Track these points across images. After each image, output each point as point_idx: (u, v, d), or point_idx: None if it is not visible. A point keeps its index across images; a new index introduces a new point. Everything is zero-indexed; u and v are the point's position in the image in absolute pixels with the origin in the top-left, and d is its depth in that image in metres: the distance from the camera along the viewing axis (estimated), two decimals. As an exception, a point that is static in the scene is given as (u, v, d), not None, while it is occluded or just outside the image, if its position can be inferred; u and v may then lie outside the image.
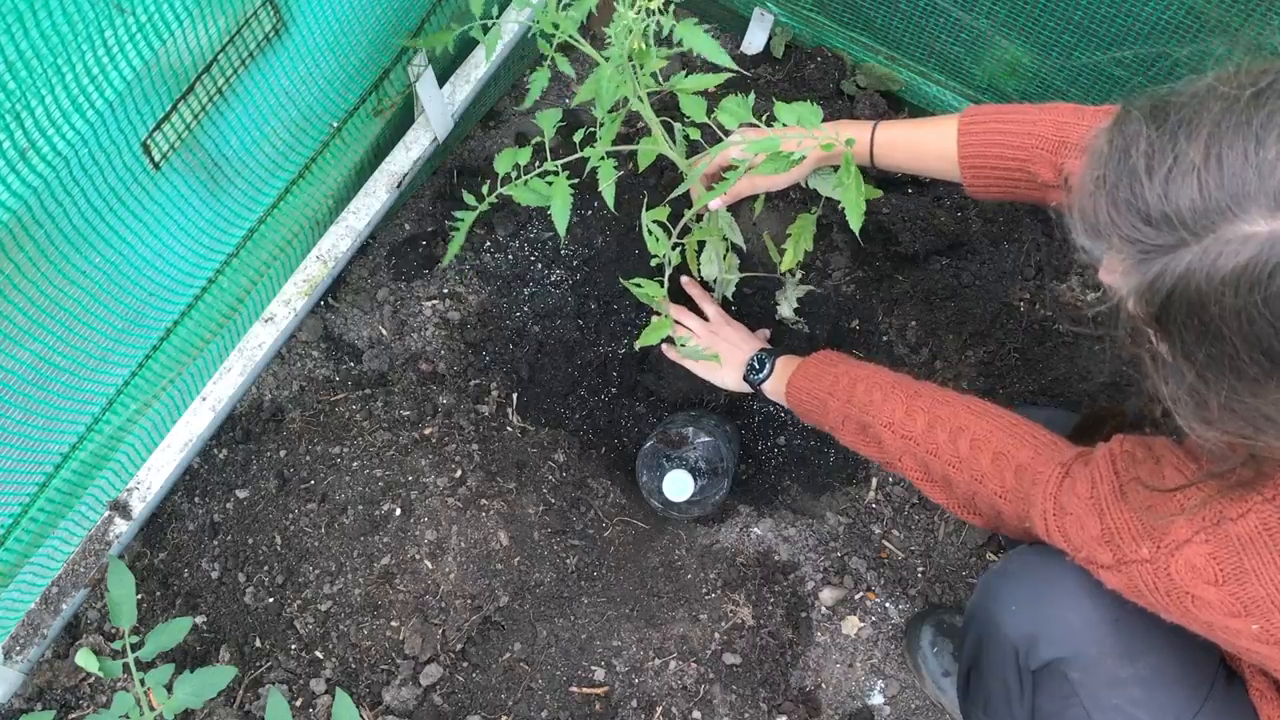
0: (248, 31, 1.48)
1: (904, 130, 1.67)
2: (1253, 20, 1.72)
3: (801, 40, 2.28)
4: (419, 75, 1.94)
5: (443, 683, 1.97)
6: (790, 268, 1.89)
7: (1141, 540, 1.13)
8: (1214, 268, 0.84)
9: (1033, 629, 1.39)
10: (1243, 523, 1.06)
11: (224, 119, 1.57)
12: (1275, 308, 0.83)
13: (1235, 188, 0.83)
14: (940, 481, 1.54)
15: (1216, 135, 0.85)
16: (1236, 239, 0.83)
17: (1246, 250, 0.83)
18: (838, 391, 1.69)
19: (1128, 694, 1.35)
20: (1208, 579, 1.08)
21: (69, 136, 1.24)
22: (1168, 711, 1.35)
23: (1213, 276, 0.85)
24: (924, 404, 1.56)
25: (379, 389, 2.14)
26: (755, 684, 1.98)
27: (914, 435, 1.54)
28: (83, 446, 1.75)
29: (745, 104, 1.53)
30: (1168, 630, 1.29)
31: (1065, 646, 1.36)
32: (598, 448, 2.22)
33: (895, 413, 1.58)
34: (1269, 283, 0.82)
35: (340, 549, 2.03)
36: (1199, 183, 0.84)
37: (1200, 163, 0.85)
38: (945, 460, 1.51)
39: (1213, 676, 1.38)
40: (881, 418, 1.59)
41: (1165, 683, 1.35)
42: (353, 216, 2.03)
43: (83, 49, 1.20)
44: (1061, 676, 1.38)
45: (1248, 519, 1.05)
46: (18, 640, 1.86)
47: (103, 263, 1.48)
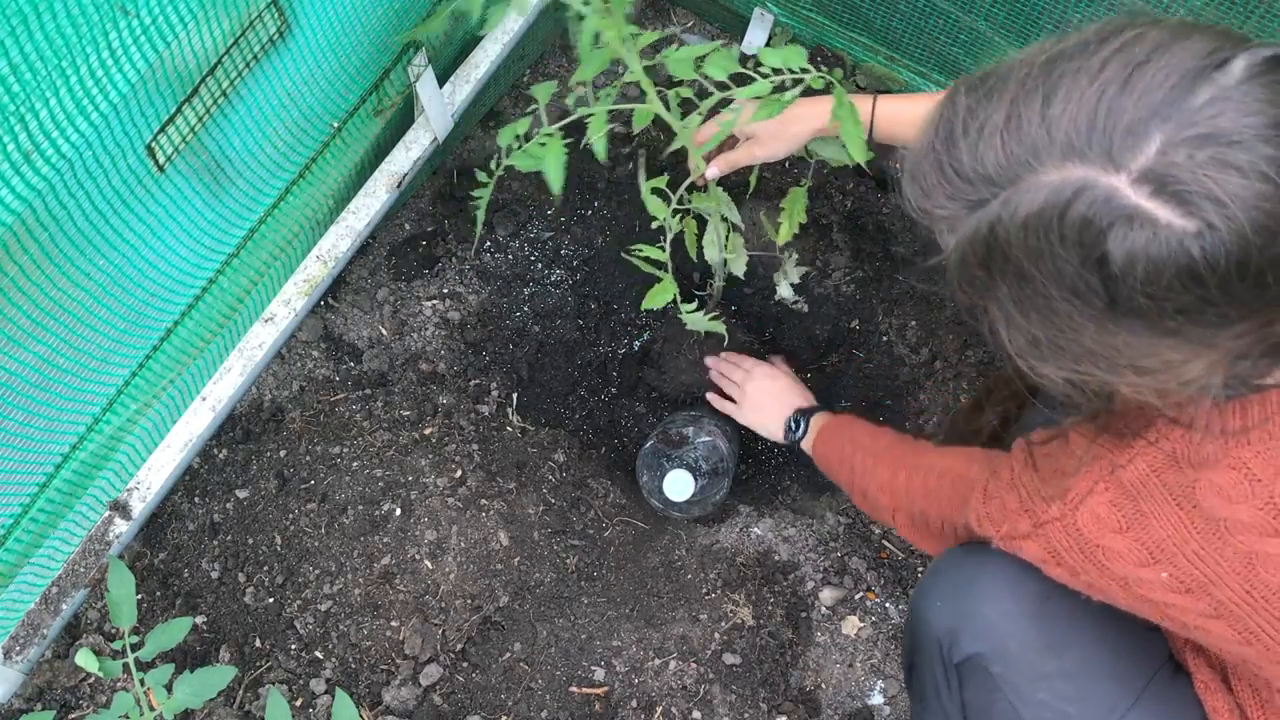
0: (252, 33, 1.48)
1: (905, 104, 1.69)
2: (1252, 21, 1.72)
3: (801, 40, 2.28)
4: (419, 75, 1.94)
5: (443, 683, 1.97)
6: (787, 239, 1.89)
7: (1051, 501, 1.19)
8: (1014, 215, 0.92)
9: (954, 623, 1.44)
10: (1131, 468, 1.11)
11: (228, 121, 1.57)
12: (1070, 247, 0.90)
13: (1030, 143, 0.91)
14: (922, 523, 1.63)
15: (1016, 98, 0.93)
16: (1033, 188, 0.91)
17: (1040, 197, 0.90)
18: (844, 460, 1.83)
19: (1053, 688, 1.38)
20: (1112, 527, 1.13)
21: (73, 139, 1.24)
22: (1099, 705, 1.38)
23: (1014, 222, 0.92)
24: (907, 461, 1.68)
25: (379, 389, 2.14)
26: (755, 684, 1.98)
27: (898, 490, 1.66)
28: (83, 447, 1.75)
29: (730, 55, 1.54)
30: (1098, 624, 1.36)
31: (985, 641, 1.41)
32: (598, 448, 2.23)
33: (883, 475, 1.70)
34: (1061, 224, 0.89)
35: (340, 549, 2.03)
36: (1001, 142, 0.92)
37: (1002, 124, 0.93)
38: (918, 498, 1.61)
39: (1153, 671, 1.40)
40: (875, 483, 1.72)
41: (1095, 676, 1.38)
42: (353, 216, 2.03)
43: (87, 52, 1.20)
44: (984, 670, 1.42)
45: (1136, 464, 1.11)
46: (18, 640, 1.85)
47: (106, 265, 1.48)
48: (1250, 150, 0.85)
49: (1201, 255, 0.86)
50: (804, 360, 2.18)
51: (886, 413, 2.15)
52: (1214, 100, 0.86)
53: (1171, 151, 0.86)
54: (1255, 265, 0.87)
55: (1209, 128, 0.86)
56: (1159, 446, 1.10)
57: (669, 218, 1.73)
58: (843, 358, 2.19)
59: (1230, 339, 0.93)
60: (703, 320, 1.91)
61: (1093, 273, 0.90)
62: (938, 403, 2.14)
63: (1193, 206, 0.86)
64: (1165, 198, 0.86)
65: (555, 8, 2.18)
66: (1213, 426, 1.06)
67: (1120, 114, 0.88)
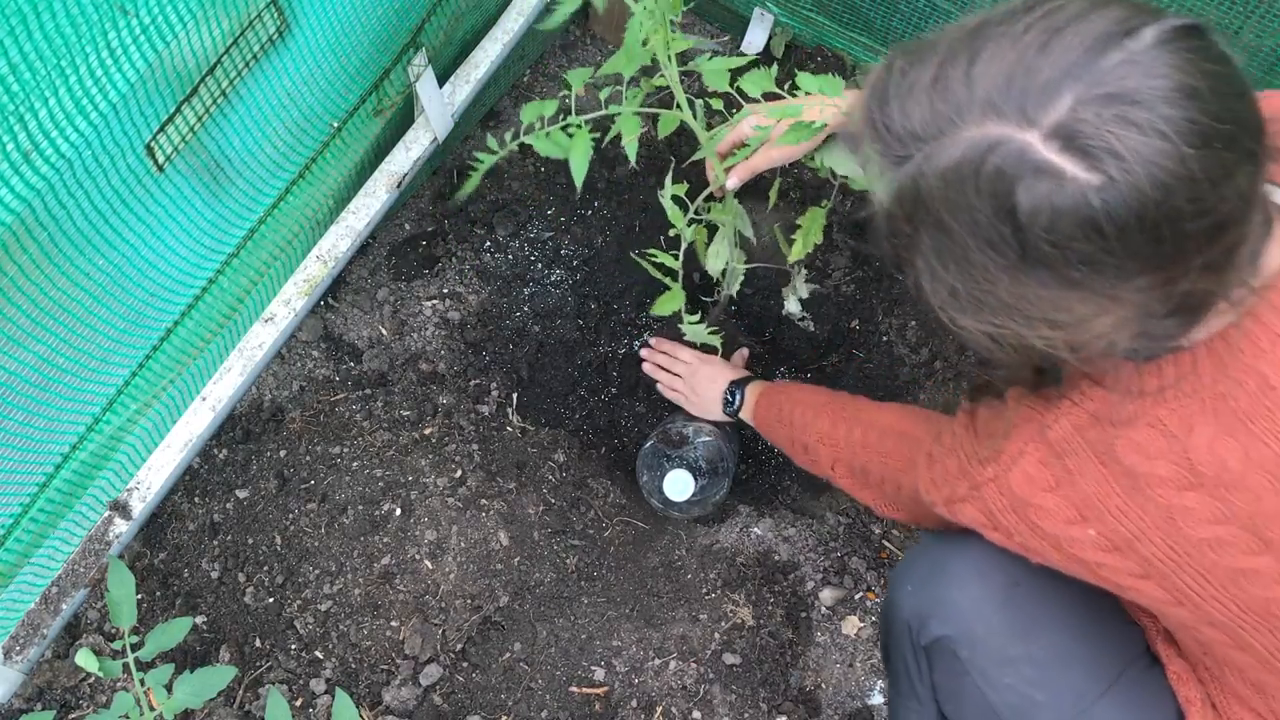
0: (251, 33, 1.48)
1: None
2: (1252, 21, 1.73)
3: (801, 40, 2.28)
4: (419, 75, 1.94)
5: (443, 683, 1.97)
6: (799, 258, 1.89)
7: (986, 463, 1.23)
8: (935, 167, 0.96)
9: (923, 608, 1.48)
10: (1057, 427, 1.15)
11: (227, 121, 1.57)
12: (984, 198, 0.94)
13: (954, 101, 0.95)
14: (861, 476, 1.68)
15: (944, 61, 0.97)
16: (953, 143, 0.95)
17: (959, 150, 0.95)
18: (783, 419, 1.87)
19: (1020, 672, 1.41)
20: (1042, 485, 1.17)
21: (73, 139, 1.24)
22: (1068, 691, 1.40)
23: (934, 174, 0.97)
24: (846, 414, 1.73)
25: (379, 389, 2.14)
26: (755, 684, 1.98)
27: (839, 441, 1.70)
28: (83, 447, 1.75)
29: (768, 75, 1.55)
30: (1070, 613, 1.40)
31: (952, 625, 1.44)
32: (598, 448, 2.23)
33: (823, 426, 1.74)
34: (976, 176, 0.94)
35: (340, 549, 2.03)
36: (928, 99, 0.97)
37: (929, 83, 0.97)
38: (859, 451, 1.66)
39: (1127, 663, 1.42)
40: (815, 434, 1.75)
41: (1064, 663, 1.41)
42: (353, 216, 2.03)
43: (86, 51, 1.20)
44: (951, 654, 1.45)
45: (1061, 423, 1.15)
46: (18, 640, 1.85)
47: (105, 264, 1.48)
48: (1152, 110, 0.90)
49: (1102, 206, 0.91)
50: (804, 360, 2.18)
51: (886, 413, 2.15)
52: (1123, 63, 0.91)
53: (1081, 109, 0.91)
54: (1151, 219, 0.91)
55: (1116, 88, 0.90)
56: (1082, 406, 1.14)
57: (684, 226, 1.74)
58: (843, 358, 2.19)
59: (1133, 293, 0.97)
60: (702, 333, 1.91)
61: (1005, 223, 0.94)
62: (937, 402, 2.14)
63: (1096, 160, 0.90)
64: (1072, 152, 0.91)
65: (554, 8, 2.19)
66: (1131, 386, 1.11)
67: (1036, 74, 0.93)
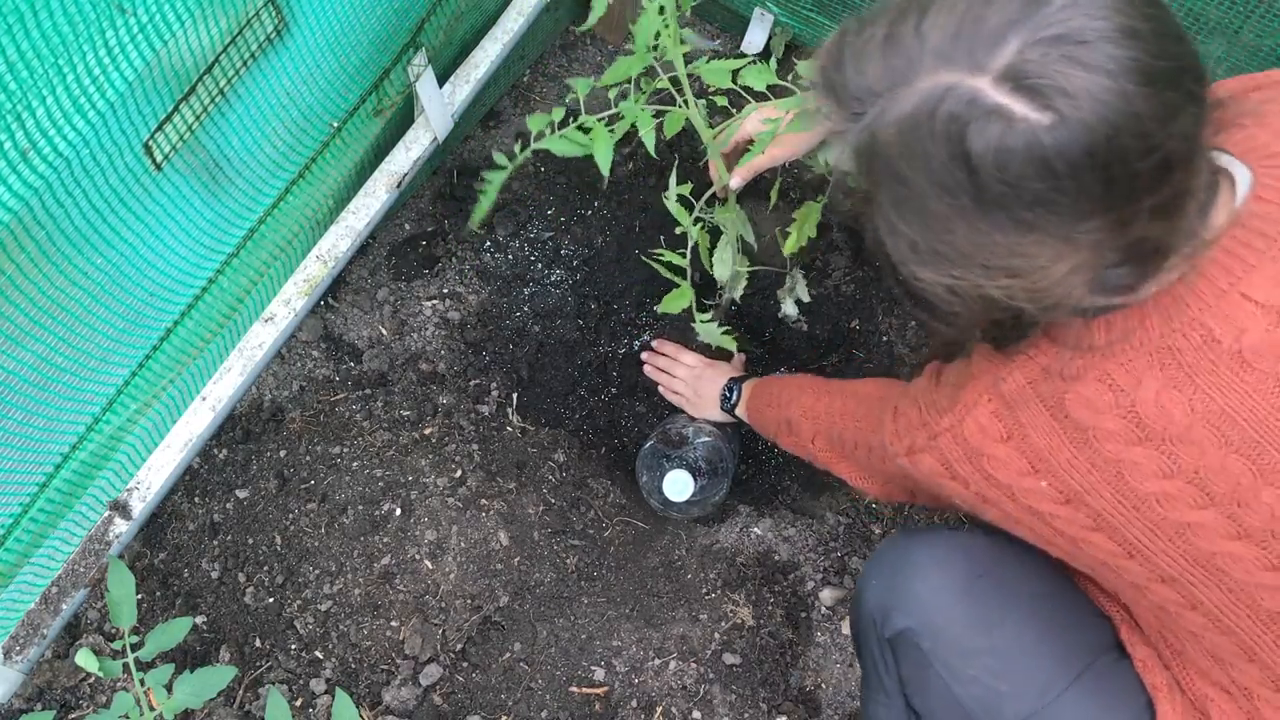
0: (250, 32, 1.48)
1: None
2: (1252, 21, 1.72)
3: (801, 40, 2.28)
4: (419, 75, 1.94)
5: (443, 683, 1.97)
6: (793, 251, 1.90)
7: (945, 412, 1.25)
8: (889, 118, 0.98)
9: (887, 600, 1.50)
10: (1011, 380, 1.18)
11: (225, 120, 1.57)
12: (939, 144, 0.96)
13: (905, 54, 0.98)
14: (839, 445, 1.69)
15: (895, 19, 0.99)
16: (907, 94, 0.97)
17: (913, 100, 0.96)
18: (772, 401, 1.90)
19: (983, 663, 1.42)
20: (995, 436, 1.19)
21: (70, 137, 1.24)
22: (1033, 682, 1.41)
23: (889, 125, 0.98)
24: (830, 388, 1.76)
25: (379, 389, 2.14)
26: (755, 684, 1.98)
27: (819, 413, 1.73)
28: (83, 446, 1.75)
29: (768, 69, 1.57)
30: (1034, 606, 1.43)
31: (914, 616, 1.46)
32: (598, 448, 2.22)
33: (806, 401, 1.77)
34: (931, 123, 0.95)
35: (340, 549, 2.03)
36: (881, 55, 0.99)
37: (882, 40, 0.99)
38: (836, 419, 1.68)
39: (1094, 655, 1.43)
40: (798, 409, 1.78)
41: (1029, 655, 1.42)
42: (353, 216, 2.03)
43: (84, 50, 1.20)
44: (915, 645, 1.46)
45: (1014, 376, 1.17)
46: (18, 640, 1.86)
47: (104, 263, 1.48)
48: (1097, 49, 0.91)
49: (1053, 144, 0.92)
50: (804, 360, 2.18)
51: (886, 412, 2.15)
52: (1066, 6, 0.93)
53: (1028, 51, 0.92)
54: (1101, 156, 0.93)
55: (1061, 29, 0.92)
56: (1035, 360, 1.16)
57: (690, 226, 1.74)
58: (843, 358, 2.18)
59: (1087, 235, 0.98)
60: (715, 333, 1.91)
61: (959, 168, 0.95)
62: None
63: (1045, 99, 0.92)
64: (1022, 93, 0.92)
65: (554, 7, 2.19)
66: (1081, 341, 1.12)
67: (983, 23, 0.94)
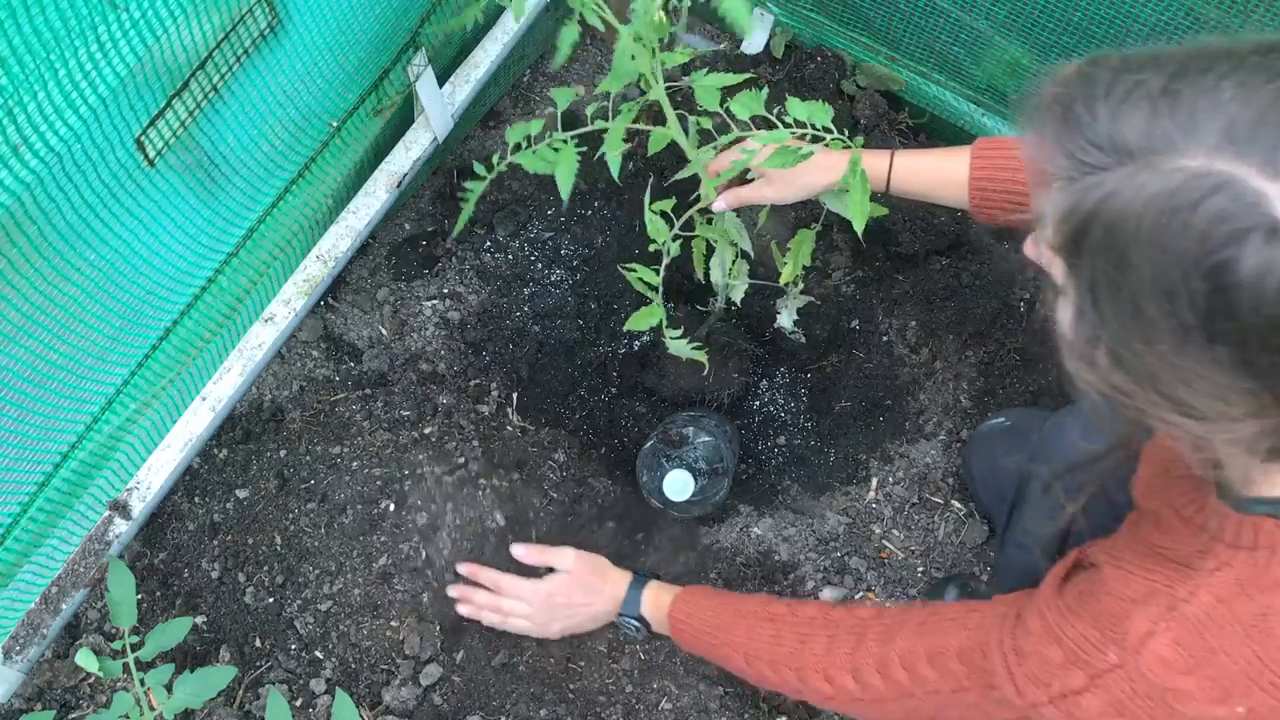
0: (242, 28, 1.48)
1: (924, 159, 1.67)
2: (1252, 21, 1.72)
3: (801, 40, 2.28)
4: (419, 75, 1.94)
5: (443, 683, 1.97)
6: (789, 280, 1.89)
7: (1106, 647, 1.09)
8: (1140, 191, 0.83)
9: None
10: (1195, 601, 1.02)
11: (219, 117, 1.57)
12: (1191, 242, 0.81)
13: (1184, 120, 0.82)
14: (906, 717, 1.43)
15: (1180, 73, 0.84)
16: (1170, 168, 0.82)
17: (1176, 179, 0.81)
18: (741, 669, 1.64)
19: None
20: (1180, 668, 1.03)
21: (62, 133, 1.24)
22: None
23: (1136, 198, 0.83)
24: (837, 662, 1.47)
25: (379, 389, 2.14)
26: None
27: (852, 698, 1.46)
28: (82, 446, 1.76)
29: (758, 97, 1.55)
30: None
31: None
32: (598, 448, 2.22)
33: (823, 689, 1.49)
34: (1191, 213, 0.80)
35: (340, 549, 2.03)
36: (1151, 110, 0.83)
37: (1158, 92, 0.84)
38: (897, 697, 1.40)
39: None
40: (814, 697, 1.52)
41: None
42: (352, 216, 2.04)
43: (76, 45, 1.20)
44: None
45: (1199, 596, 1.02)
46: (18, 640, 1.86)
47: (98, 260, 1.49)
48: None
49: None
50: (803, 361, 2.18)
51: (886, 412, 2.15)
52: None
53: None
54: None
55: None
56: (1223, 574, 1.02)
57: (669, 241, 1.73)
58: (843, 358, 2.18)
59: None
60: (686, 348, 1.90)
61: (1205, 278, 0.81)
62: (938, 403, 2.13)
63: None
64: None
65: (554, 7, 2.19)
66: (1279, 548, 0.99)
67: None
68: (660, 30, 1.48)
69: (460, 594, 1.93)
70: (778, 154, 1.51)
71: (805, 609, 1.57)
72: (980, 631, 1.27)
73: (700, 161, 1.63)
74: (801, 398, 2.18)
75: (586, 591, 1.87)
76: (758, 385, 2.21)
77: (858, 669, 1.42)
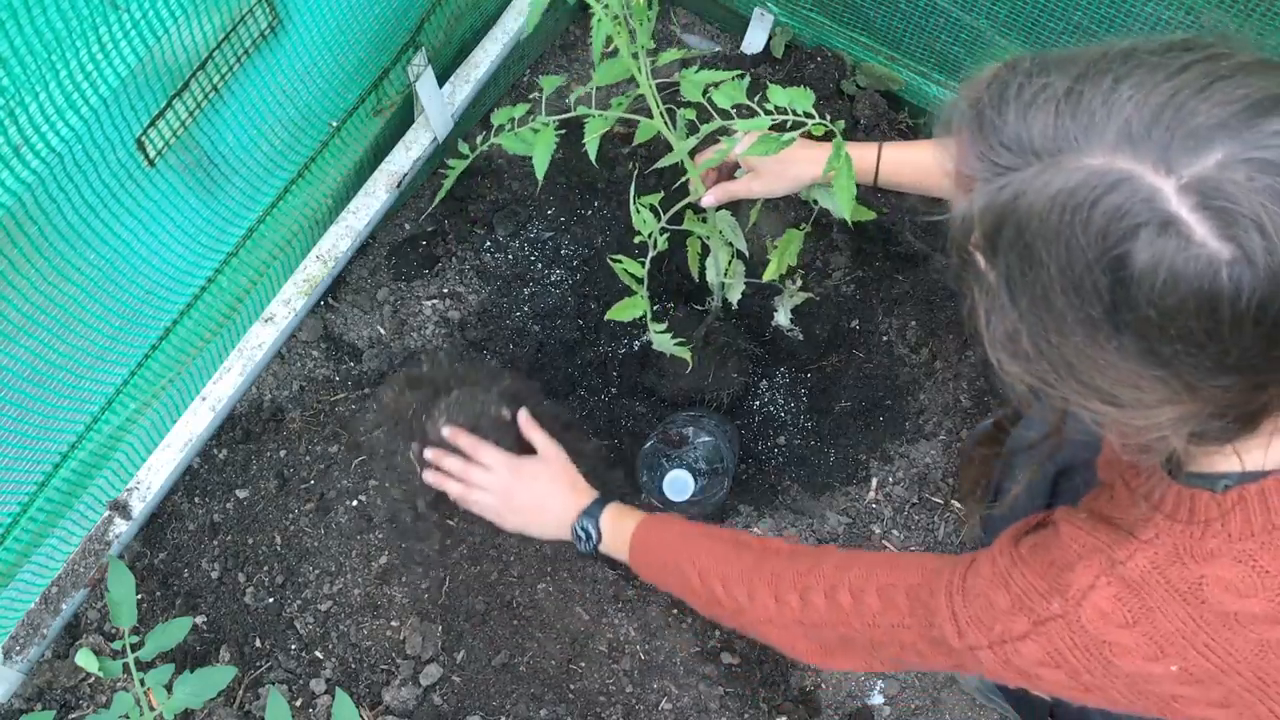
0: (243, 29, 1.48)
1: (910, 151, 1.68)
2: (1252, 20, 1.72)
3: (801, 40, 2.28)
4: (419, 75, 1.94)
5: (443, 683, 1.97)
6: (773, 278, 1.88)
7: (1050, 596, 1.11)
8: (1044, 189, 0.86)
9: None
10: (1133, 564, 1.05)
11: (220, 117, 1.57)
12: (1092, 237, 0.84)
13: (1085, 121, 0.86)
14: (840, 646, 1.42)
15: (1084, 75, 0.87)
16: (1073, 166, 0.85)
17: (1077, 177, 0.85)
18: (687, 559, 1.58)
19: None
20: (1119, 622, 1.06)
21: (63, 133, 1.25)
22: None
23: (1040, 196, 0.86)
24: (787, 580, 1.45)
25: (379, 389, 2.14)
26: (755, 684, 1.98)
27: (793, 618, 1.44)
28: (82, 446, 1.76)
29: (739, 86, 1.54)
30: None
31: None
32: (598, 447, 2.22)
33: (768, 605, 1.46)
34: (1091, 210, 0.84)
35: (340, 549, 2.03)
36: (1055, 111, 0.87)
37: (1061, 94, 0.87)
38: (834, 623, 1.39)
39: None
40: (754, 615, 1.49)
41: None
42: (352, 216, 2.04)
43: (77, 45, 1.20)
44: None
45: (1136, 559, 1.05)
46: (18, 640, 1.86)
47: (98, 260, 1.49)
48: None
49: (1227, 283, 0.81)
50: (803, 361, 2.17)
51: (886, 412, 2.14)
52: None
53: (1230, 169, 0.80)
54: (1275, 313, 0.82)
55: (1275, 155, 0.80)
56: (1159, 542, 1.05)
57: (656, 234, 1.73)
58: (843, 358, 2.18)
59: (1215, 389, 0.89)
60: (669, 343, 1.88)
61: (1105, 272, 0.84)
62: (938, 403, 2.13)
63: (1234, 230, 0.80)
64: (1208, 214, 0.81)
65: (554, 7, 2.19)
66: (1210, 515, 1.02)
67: (1188, 117, 0.82)
68: (640, 14, 1.47)
69: (433, 457, 1.80)
70: (760, 142, 1.51)
71: (775, 541, 1.56)
72: (933, 574, 1.28)
73: (683, 150, 1.63)
74: (801, 398, 2.17)
75: (553, 484, 1.77)
76: (758, 385, 2.20)
77: (806, 589, 1.41)
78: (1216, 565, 1.01)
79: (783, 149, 1.51)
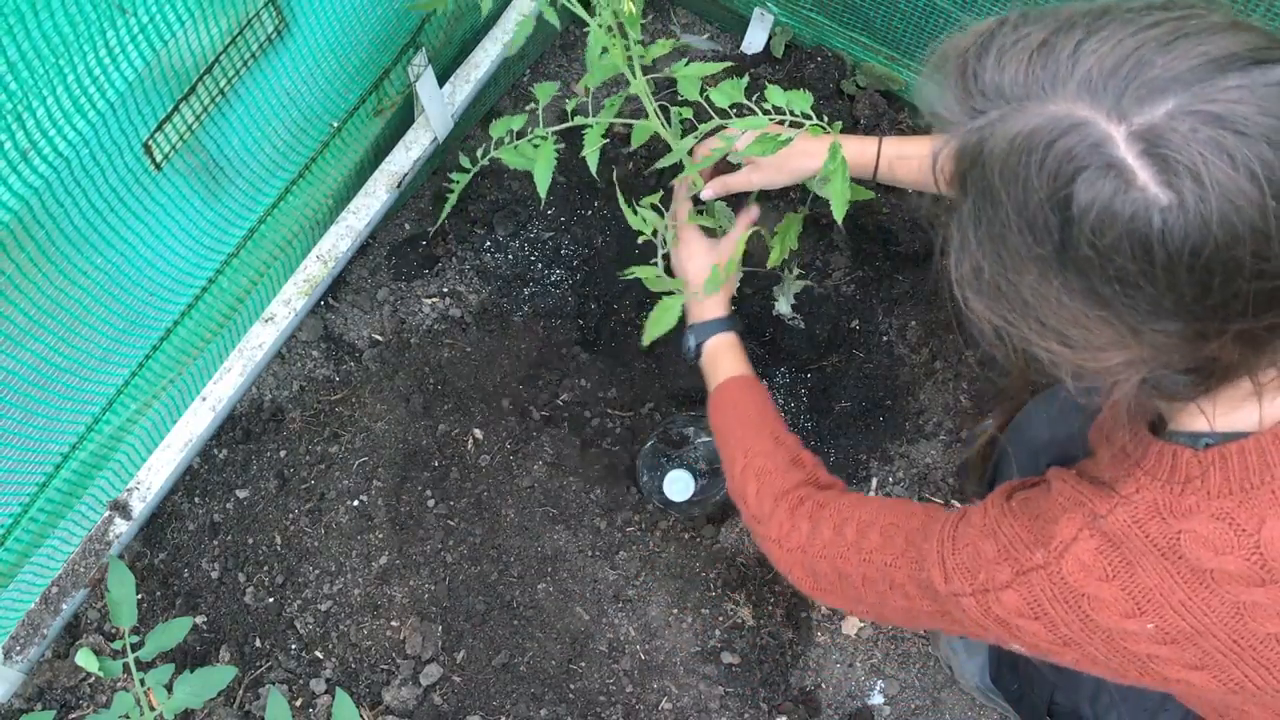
0: (250, 32, 1.48)
1: (910, 145, 1.69)
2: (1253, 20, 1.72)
3: (801, 40, 2.28)
4: (419, 75, 1.94)
5: (443, 683, 1.97)
6: (775, 264, 1.89)
7: (1034, 547, 1.13)
8: (1006, 129, 0.91)
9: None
10: (1113, 518, 1.08)
11: (225, 120, 1.57)
12: (1043, 178, 0.89)
13: (1053, 70, 0.90)
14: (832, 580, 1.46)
15: (1058, 29, 0.92)
16: (1035, 112, 0.90)
17: (1036, 119, 0.89)
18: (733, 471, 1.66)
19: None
20: (1098, 575, 1.09)
21: (70, 137, 1.25)
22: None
23: (1002, 137, 0.91)
24: (807, 507, 1.51)
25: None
26: (755, 684, 1.98)
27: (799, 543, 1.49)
28: (83, 446, 1.75)
29: (738, 85, 1.55)
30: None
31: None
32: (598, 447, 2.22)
33: (782, 525, 1.52)
34: (1045, 152, 0.88)
35: (340, 548, 2.03)
36: (1028, 61, 0.91)
37: (1035, 46, 0.92)
38: (834, 555, 1.44)
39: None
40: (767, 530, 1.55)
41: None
42: (353, 216, 2.03)
43: (84, 50, 1.20)
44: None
45: (1117, 514, 1.08)
46: (18, 640, 1.86)
47: (104, 263, 1.49)
48: (1251, 145, 0.83)
49: (1161, 226, 0.85)
50: (804, 360, 2.18)
51: (886, 413, 2.15)
52: (1240, 88, 0.84)
53: (1178, 119, 0.85)
54: (1206, 261, 0.86)
55: (1223, 109, 0.84)
56: (1140, 497, 1.08)
57: (664, 231, 1.73)
58: (843, 358, 2.18)
59: (1157, 335, 0.92)
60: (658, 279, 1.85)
61: (1054, 211, 0.89)
62: (938, 403, 2.14)
63: (1173, 177, 0.84)
64: (1151, 160, 0.85)
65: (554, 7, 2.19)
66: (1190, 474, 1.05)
67: (1148, 69, 0.87)
68: (631, 21, 1.48)
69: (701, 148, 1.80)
70: (758, 141, 1.52)
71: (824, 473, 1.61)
72: (932, 520, 1.32)
73: (682, 149, 1.63)
74: (802, 397, 2.18)
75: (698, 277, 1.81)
76: (757, 385, 2.21)
77: (820, 520, 1.48)
78: (1194, 521, 1.04)
79: (781, 149, 1.52)
